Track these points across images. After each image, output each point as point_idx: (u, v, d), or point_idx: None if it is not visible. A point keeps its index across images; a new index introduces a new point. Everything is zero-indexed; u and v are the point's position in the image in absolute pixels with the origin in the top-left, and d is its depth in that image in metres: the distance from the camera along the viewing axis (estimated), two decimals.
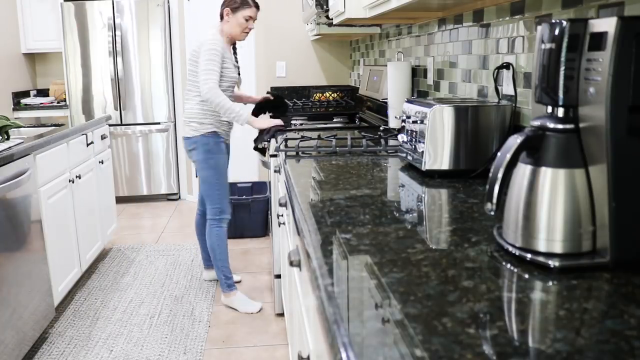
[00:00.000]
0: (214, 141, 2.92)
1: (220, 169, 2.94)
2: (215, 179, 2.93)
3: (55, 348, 2.60)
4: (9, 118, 2.74)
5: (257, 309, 2.97)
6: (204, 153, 2.90)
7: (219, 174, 2.94)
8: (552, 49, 0.95)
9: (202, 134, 2.89)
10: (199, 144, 2.90)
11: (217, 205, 2.96)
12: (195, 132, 2.89)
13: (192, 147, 2.92)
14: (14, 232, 2.37)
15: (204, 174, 2.94)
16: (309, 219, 1.26)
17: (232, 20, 2.86)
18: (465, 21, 2.15)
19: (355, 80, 4.53)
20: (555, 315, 0.76)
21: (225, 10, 2.87)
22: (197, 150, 2.91)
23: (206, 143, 2.90)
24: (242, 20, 2.87)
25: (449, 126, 1.61)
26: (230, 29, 2.89)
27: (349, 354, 0.68)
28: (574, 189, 0.94)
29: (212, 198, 2.95)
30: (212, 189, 2.94)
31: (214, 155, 2.91)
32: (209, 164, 2.91)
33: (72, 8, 4.98)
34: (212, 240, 2.99)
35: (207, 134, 2.90)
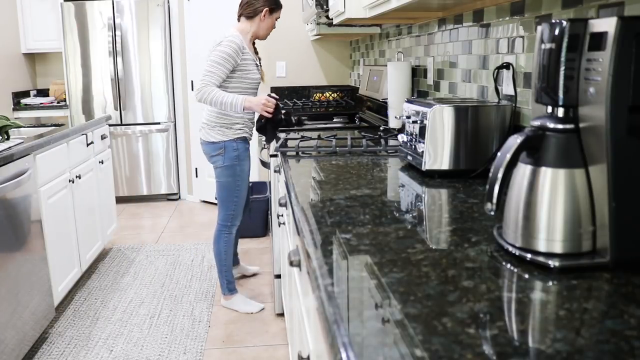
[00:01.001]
0: (244, 147, 2.80)
1: (244, 176, 2.84)
2: (236, 185, 2.82)
3: (55, 348, 2.60)
4: (9, 118, 2.74)
5: (257, 309, 2.95)
6: (231, 159, 2.76)
7: (241, 181, 2.83)
8: (552, 49, 0.95)
9: (231, 138, 2.75)
10: (228, 150, 2.75)
11: (232, 212, 2.89)
12: (223, 137, 2.75)
13: (218, 153, 2.76)
14: (14, 232, 2.37)
15: (225, 180, 2.81)
16: (309, 219, 1.26)
17: (268, 20, 2.79)
18: (465, 21, 2.15)
19: (355, 80, 4.53)
20: (555, 315, 0.76)
21: (264, 10, 2.76)
22: (225, 156, 2.76)
23: (235, 149, 2.76)
24: (274, 21, 2.83)
25: (449, 126, 1.61)
26: (261, 29, 2.80)
27: (349, 354, 0.68)
28: (574, 189, 0.94)
29: (228, 205, 2.86)
30: (231, 195, 2.84)
31: (241, 162, 2.80)
32: (234, 170, 2.79)
33: (72, 8, 4.98)
34: (219, 246, 2.92)
35: (237, 139, 2.76)
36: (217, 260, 2.95)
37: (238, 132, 2.76)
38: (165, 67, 5.15)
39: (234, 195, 2.84)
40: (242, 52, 2.69)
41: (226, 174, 2.79)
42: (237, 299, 2.98)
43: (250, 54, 2.76)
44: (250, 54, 2.75)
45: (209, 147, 2.79)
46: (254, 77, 2.78)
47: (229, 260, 2.95)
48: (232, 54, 2.66)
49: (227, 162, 2.77)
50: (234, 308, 2.98)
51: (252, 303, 2.99)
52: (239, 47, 2.68)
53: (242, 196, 2.88)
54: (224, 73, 2.66)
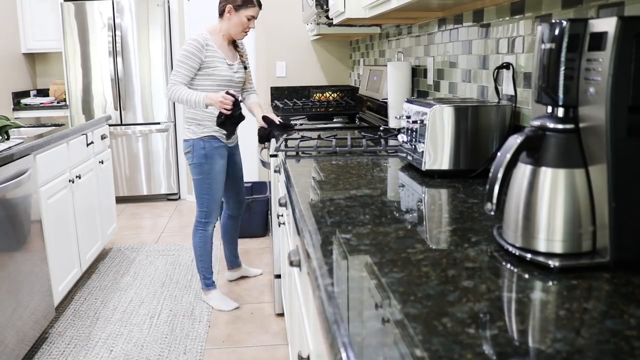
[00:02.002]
0: (211, 146, 2.84)
1: (213, 175, 2.87)
2: (206, 183, 2.87)
3: (55, 348, 2.60)
4: (9, 118, 2.74)
5: (231, 307, 2.99)
6: (198, 157, 2.83)
7: (211, 180, 2.87)
8: (552, 49, 0.95)
9: (199, 137, 2.82)
10: (195, 148, 2.83)
11: (205, 210, 2.93)
12: (193, 135, 2.83)
13: (188, 150, 2.86)
14: (14, 232, 2.37)
15: (196, 178, 2.89)
16: (309, 219, 1.26)
17: (234, 18, 2.76)
18: (465, 21, 2.15)
19: (355, 80, 4.53)
20: (555, 315, 0.76)
21: (228, 8, 2.75)
22: (193, 154, 2.84)
23: (202, 147, 2.82)
24: (244, 20, 2.77)
25: (449, 126, 1.61)
26: (230, 27, 2.79)
27: (349, 354, 0.68)
28: (574, 189, 0.94)
29: (201, 202, 2.92)
30: (202, 193, 2.90)
31: (209, 161, 2.84)
32: (203, 169, 2.85)
33: (72, 8, 4.98)
34: (195, 241, 3.00)
35: (205, 137, 2.83)
36: (195, 255, 3.03)
37: (206, 130, 2.81)
38: (165, 67, 5.14)
39: (205, 193, 2.89)
40: (205, 48, 2.71)
41: (196, 172, 2.86)
42: (213, 294, 3.03)
43: (218, 52, 2.77)
44: (217, 52, 2.76)
45: (183, 145, 2.90)
46: (222, 74, 2.77)
47: (205, 256, 3.00)
48: (194, 51, 2.69)
49: (195, 159, 2.83)
50: (210, 304, 3.03)
51: (227, 301, 3.02)
52: (200, 44, 2.71)
53: (215, 195, 2.90)
54: (189, 71, 2.71)
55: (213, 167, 2.86)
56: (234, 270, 3.37)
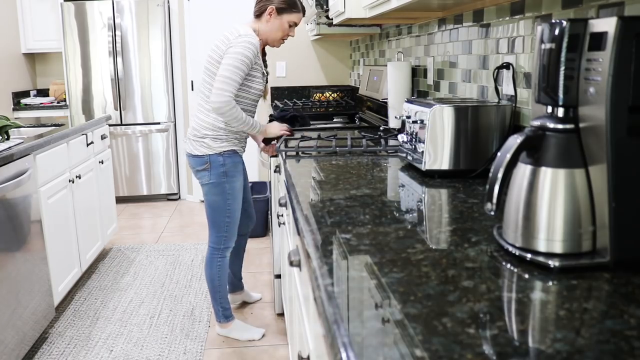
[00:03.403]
0: (232, 162, 2.45)
1: (235, 194, 2.49)
2: (226, 205, 2.48)
3: (55, 348, 2.60)
4: (9, 118, 2.74)
5: (259, 335, 2.69)
6: (218, 176, 2.43)
7: (232, 199, 2.48)
8: (552, 49, 0.95)
9: (217, 152, 2.41)
10: (214, 165, 2.41)
11: (224, 234, 2.54)
12: (209, 150, 2.41)
13: (203, 168, 2.43)
14: (14, 232, 2.37)
15: (212, 199, 2.48)
16: (309, 219, 1.26)
17: (275, 22, 2.40)
18: (465, 21, 2.15)
19: (355, 80, 4.53)
20: (555, 315, 0.76)
21: (270, 9, 2.37)
22: (211, 171, 2.42)
23: (222, 164, 2.42)
24: (286, 25, 2.41)
25: (449, 126, 1.61)
26: (269, 31, 2.42)
27: (349, 354, 0.68)
28: (574, 189, 0.94)
29: (219, 226, 2.52)
30: (220, 216, 2.50)
31: (230, 179, 2.45)
32: (222, 188, 2.45)
33: (72, 8, 4.98)
34: (212, 271, 2.60)
35: (224, 152, 2.42)
36: (211, 287, 2.63)
37: (226, 144, 2.42)
38: (165, 67, 5.15)
39: (224, 215, 2.50)
40: (256, 56, 2.35)
41: (213, 192, 2.46)
42: (237, 325, 2.70)
43: (260, 59, 2.43)
44: (260, 59, 2.42)
45: (193, 161, 2.46)
46: (258, 88, 2.44)
47: (223, 286, 2.63)
48: (250, 56, 2.30)
49: (214, 178, 2.43)
50: (233, 336, 2.69)
51: (252, 328, 2.72)
52: (256, 49, 2.33)
53: (235, 217, 2.53)
54: (242, 79, 2.33)
55: (234, 185, 2.48)
56: (236, 293, 2.99)
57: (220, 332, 2.72)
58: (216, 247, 2.57)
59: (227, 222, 2.52)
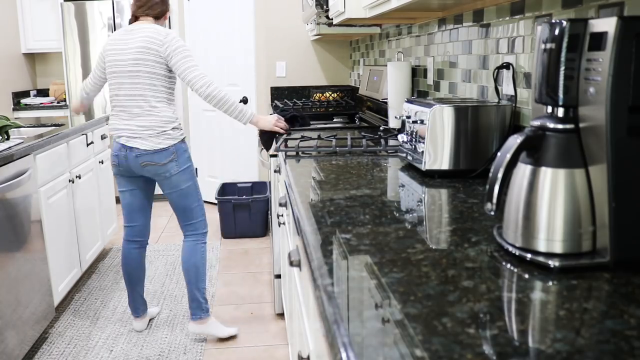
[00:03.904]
0: (187, 146, 2.59)
1: (196, 178, 2.64)
2: (196, 187, 2.61)
3: (55, 348, 2.60)
4: (9, 118, 2.74)
5: (235, 331, 2.70)
6: (185, 161, 2.53)
7: (196, 181, 2.63)
8: (552, 49, 0.95)
9: (180, 140, 2.52)
10: (180, 152, 2.51)
11: (201, 217, 2.64)
12: (173, 140, 2.48)
13: (171, 158, 2.48)
14: (14, 232, 2.37)
15: (185, 186, 2.56)
16: (309, 219, 1.26)
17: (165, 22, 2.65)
18: (465, 21, 2.15)
19: (355, 80, 4.53)
20: (555, 315, 0.76)
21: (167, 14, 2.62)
22: (178, 160, 2.51)
23: (185, 150, 2.55)
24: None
25: (449, 126, 1.61)
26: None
27: (349, 354, 0.68)
28: (574, 189, 0.94)
29: (196, 211, 2.62)
30: (194, 200, 2.60)
31: (191, 163, 2.59)
32: (191, 172, 2.57)
33: (72, 8, 4.98)
34: (197, 258, 2.62)
35: (183, 140, 2.55)
36: (195, 276, 2.61)
37: (182, 131, 2.56)
38: None
39: (197, 198, 2.61)
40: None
41: (185, 179, 2.54)
42: (212, 321, 2.68)
43: None
44: None
45: (159, 156, 2.46)
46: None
47: (205, 275, 2.68)
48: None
49: (183, 165, 2.52)
50: (212, 332, 2.66)
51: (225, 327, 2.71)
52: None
53: (201, 198, 2.66)
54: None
55: (193, 169, 2.63)
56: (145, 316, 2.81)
57: (197, 330, 2.64)
58: (196, 234, 2.64)
59: (200, 205, 2.64)
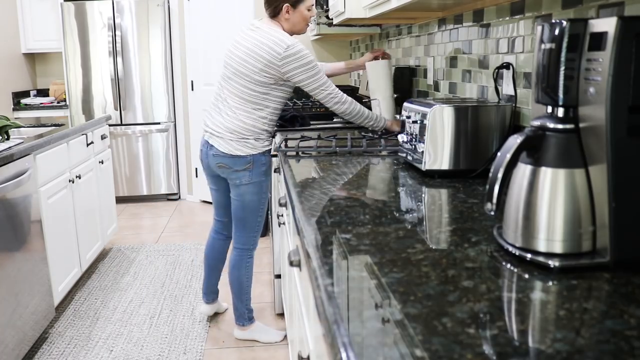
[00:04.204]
0: (269, 161, 2.47)
1: (266, 193, 2.51)
2: (261, 204, 2.49)
3: (55, 348, 2.60)
4: (9, 118, 2.74)
5: (280, 337, 2.66)
6: (259, 175, 2.42)
7: (265, 198, 2.50)
8: (552, 49, 0.95)
9: (260, 152, 2.39)
10: (258, 164, 2.39)
11: (254, 234, 2.54)
12: (252, 150, 2.37)
13: (245, 168, 2.38)
14: (14, 232, 2.37)
15: (250, 199, 2.45)
16: (308, 219, 1.26)
17: (295, 15, 2.33)
18: (465, 21, 2.15)
19: (355, 80, 4.53)
20: (555, 315, 0.76)
21: (286, 7, 2.30)
22: (253, 171, 2.39)
23: (264, 163, 2.42)
24: (305, 13, 2.34)
25: (449, 126, 1.61)
26: (293, 26, 2.36)
27: (349, 354, 0.68)
28: (574, 189, 0.94)
29: (251, 226, 2.51)
30: (253, 215, 2.49)
31: (268, 178, 2.48)
32: (261, 187, 2.45)
33: (72, 8, 4.98)
34: (241, 272, 2.57)
35: (265, 152, 2.42)
36: (238, 289, 2.60)
37: (267, 144, 2.43)
38: (165, 67, 5.15)
39: (257, 215, 2.49)
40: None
41: (252, 192, 2.43)
42: (257, 327, 2.68)
43: None
44: None
45: (234, 161, 2.38)
46: (286, 97, 2.43)
47: (250, 287, 2.64)
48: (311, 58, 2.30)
49: (255, 178, 2.41)
50: (255, 338, 2.66)
51: (272, 331, 2.69)
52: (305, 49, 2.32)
53: (264, 215, 2.54)
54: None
55: (269, 183, 2.52)
56: (211, 304, 2.86)
57: (241, 336, 2.66)
58: (245, 248, 2.55)
59: (258, 222, 2.52)
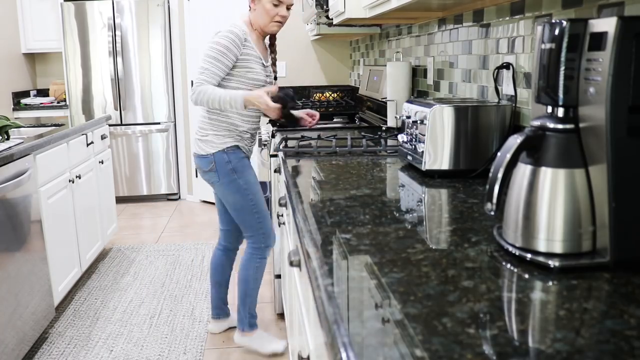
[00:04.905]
0: (237, 157, 2.33)
1: (252, 188, 2.36)
2: (249, 201, 2.36)
3: (55, 348, 2.60)
4: (9, 118, 2.74)
5: (282, 348, 2.52)
6: (226, 174, 2.32)
7: (252, 194, 2.36)
8: (552, 49, 0.95)
9: (221, 149, 2.31)
10: (220, 163, 2.31)
11: (260, 232, 2.41)
12: (212, 148, 2.31)
13: (209, 168, 2.32)
14: (14, 232, 2.37)
15: (232, 200, 2.36)
16: (309, 219, 1.26)
17: (258, 8, 2.25)
18: (465, 21, 2.15)
19: (355, 80, 4.53)
20: (555, 315, 0.76)
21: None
22: (219, 172, 2.32)
23: (228, 161, 2.31)
24: (268, 6, 2.23)
25: (449, 126, 1.61)
26: (256, 19, 2.28)
27: (349, 354, 0.68)
28: (574, 189, 0.94)
29: (251, 224, 2.40)
30: (248, 214, 2.37)
31: (240, 174, 2.34)
32: (237, 185, 2.33)
33: (72, 8, 4.98)
34: (248, 272, 2.46)
35: (227, 149, 2.31)
36: (242, 290, 2.48)
37: (228, 140, 2.32)
38: (165, 67, 5.15)
39: (252, 213, 2.38)
40: (242, 44, 2.23)
41: (229, 192, 2.35)
42: (258, 335, 2.55)
43: (255, 50, 2.28)
44: (254, 50, 2.28)
45: (199, 162, 2.36)
46: (256, 77, 2.29)
47: (256, 291, 2.50)
48: (230, 46, 2.19)
49: (223, 177, 2.33)
50: (253, 347, 2.53)
51: (274, 340, 2.56)
52: (239, 38, 2.21)
53: (264, 210, 2.41)
54: (221, 70, 2.20)
55: (248, 179, 2.36)
56: (222, 320, 2.74)
57: (239, 341, 2.56)
58: (257, 247, 2.45)
59: (257, 219, 2.39)
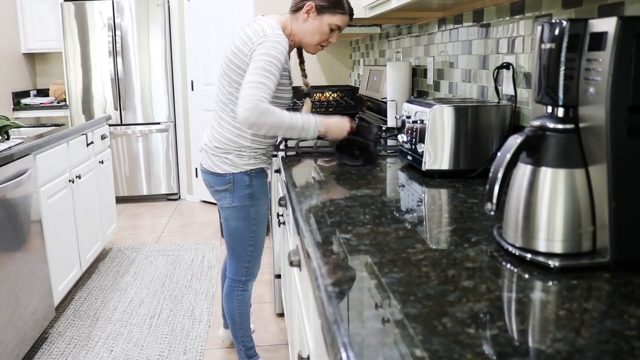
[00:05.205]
0: (260, 182, 2.05)
1: (260, 220, 2.10)
2: (250, 231, 2.09)
3: (55, 348, 2.60)
4: (9, 118, 2.74)
5: None
6: (242, 199, 2.02)
7: (257, 226, 2.10)
8: (552, 49, 0.95)
9: (244, 171, 2.00)
10: (239, 185, 2.01)
11: (245, 265, 2.16)
12: (233, 168, 1.99)
13: (225, 188, 2.02)
14: (14, 232, 2.37)
15: (234, 225, 2.08)
16: (308, 218, 1.26)
17: (314, 23, 1.92)
18: (465, 21, 2.15)
19: (355, 80, 4.53)
20: (555, 315, 0.76)
21: (309, 6, 1.90)
22: (234, 193, 2.02)
23: (249, 185, 2.01)
24: (326, 28, 1.93)
25: (449, 126, 1.61)
26: (305, 33, 1.94)
27: (349, 354, 0.68)
28: (574, 189, 0.94)
29: (241, 255, 2.14)
30: (242, 244, 2.11)
31: (256, 202, 2.05)
32: (247, 213, 2.05)
33: (72, 8, 4.98)
34: (232, 305, 2.23)
35: (251, 171, 2.01)
36: (231, 323, 2.29)
37: (253, 162, 2.01)
38: (165, 67, 5.15)
39: (247, 244, 2.11)
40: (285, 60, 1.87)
41: (236, 217, 2.06)
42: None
43: (289, 65, 1.99)
44: (289, 64, 1.99)
45: (213, 180, 2.04)
46: (284, 96, 1.98)
47: (246, 322, 2.28)
48: (281, 58, 1.82)
49: (237, 202, 2.03)
50: None
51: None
52: (286, 50, 1.86)
53: (260, 245, 2.16)
54: (275, 85, 1.81)
55: (260, 209, 2.08)
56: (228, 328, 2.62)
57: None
58: (236, 279, 2.20)
59: (250, 252, 2.14)
